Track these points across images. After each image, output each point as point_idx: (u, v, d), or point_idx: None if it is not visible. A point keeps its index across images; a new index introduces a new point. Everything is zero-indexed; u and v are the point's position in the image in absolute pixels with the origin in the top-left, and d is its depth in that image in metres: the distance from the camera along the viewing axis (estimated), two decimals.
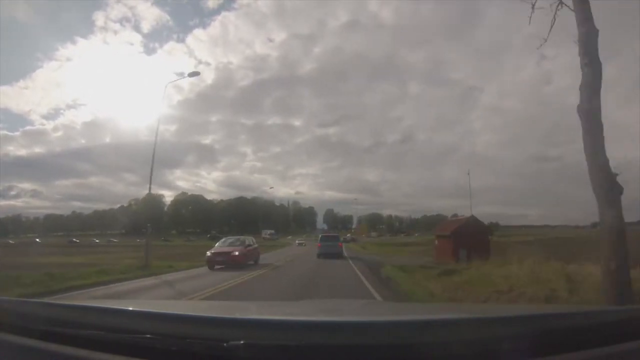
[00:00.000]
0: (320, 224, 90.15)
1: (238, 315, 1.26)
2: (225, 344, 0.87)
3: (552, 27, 5.65)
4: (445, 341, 0.93)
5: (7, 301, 1.30)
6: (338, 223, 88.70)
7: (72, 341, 0.99)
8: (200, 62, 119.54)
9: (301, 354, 0.88)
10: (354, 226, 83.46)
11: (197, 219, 72.25)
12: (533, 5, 5.75)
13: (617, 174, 4.48)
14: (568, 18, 5.15)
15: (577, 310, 1.46)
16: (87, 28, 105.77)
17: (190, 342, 0.91)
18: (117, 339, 0.97)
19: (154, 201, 73.87)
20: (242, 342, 0.86)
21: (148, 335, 0.94)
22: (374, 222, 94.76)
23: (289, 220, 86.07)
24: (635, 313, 1.23)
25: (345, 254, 20.99)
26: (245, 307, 1.84)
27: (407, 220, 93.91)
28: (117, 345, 0.96)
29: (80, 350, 0.96)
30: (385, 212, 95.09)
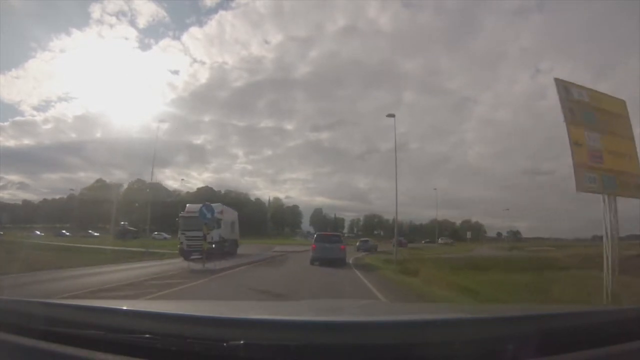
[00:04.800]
0: (306, 226, 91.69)
1: (238, 315, 1.42)
2: (225, 344, 1.01)
3: None
4: (445, 341, 1.07)
5: (7, 301, 1.45)
6: (327, 226, 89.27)
7: (72, 341, 1.13)
8: (195, 60, 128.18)
9: (301, 354, 1.02)
10: (344, 230, 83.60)
11: (154, 211, 71.37)
12: None
13: None
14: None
15: (577, 310, 1.64)
16: (82, 20, 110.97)
17: (190, 342, 1.05)
18: (117, 339, 1.11)
19: (106, 190, 72.74)
20: (242, 342, 1.00)
21: (148, 335, 1.08)
22: (372, 227, 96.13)
23: (266, 219, 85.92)
24: (635, 313, 1.40)
25: None
26: (245, 307, 2.02)
27: (407, 226, 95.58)
28: (117, 345, 1.09)
29: (80, 350, 1.10)
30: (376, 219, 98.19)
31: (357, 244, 37.06)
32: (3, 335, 1.21)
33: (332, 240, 17.95)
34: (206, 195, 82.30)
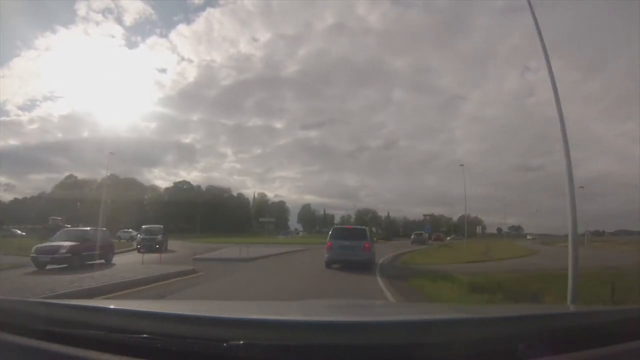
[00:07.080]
0: (294, 224, 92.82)
1: (238, 315, 1.47)
2: (225, 344, 1.06)
3: None
4: (446, 341, 1.12)
5: (7, 301, 1.50)
6: (317, 223, 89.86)
7: (72, 341, 1.18)
8: (182, 58, 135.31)
9: (301, 354, 1.07)
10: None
11: (129, 211, 70.77)
12: None
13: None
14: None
15: (577, 310, 1.73)
16: (68, 17, 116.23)
17: (190, 342, 1.10)
18: (117, 339, 1.17)
19: (77, 187, 72.22)
20: (242, 342, 1.05)
21: (148, 336, 1.13)
22: (364, 224, 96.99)
23: (250, 216, 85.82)
24: (635, 313, 1.46)
25: None
26: (245, 307, 2.09)
27: (401, 221, 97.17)
28: (117, 345, 1.15)
29: (80, 350, 1.15)
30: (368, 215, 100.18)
31: (412, 237, 45.76)
32: (3, 335, 1.26)
33: (354, 237, 14.53)
34: (183, 190, 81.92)
